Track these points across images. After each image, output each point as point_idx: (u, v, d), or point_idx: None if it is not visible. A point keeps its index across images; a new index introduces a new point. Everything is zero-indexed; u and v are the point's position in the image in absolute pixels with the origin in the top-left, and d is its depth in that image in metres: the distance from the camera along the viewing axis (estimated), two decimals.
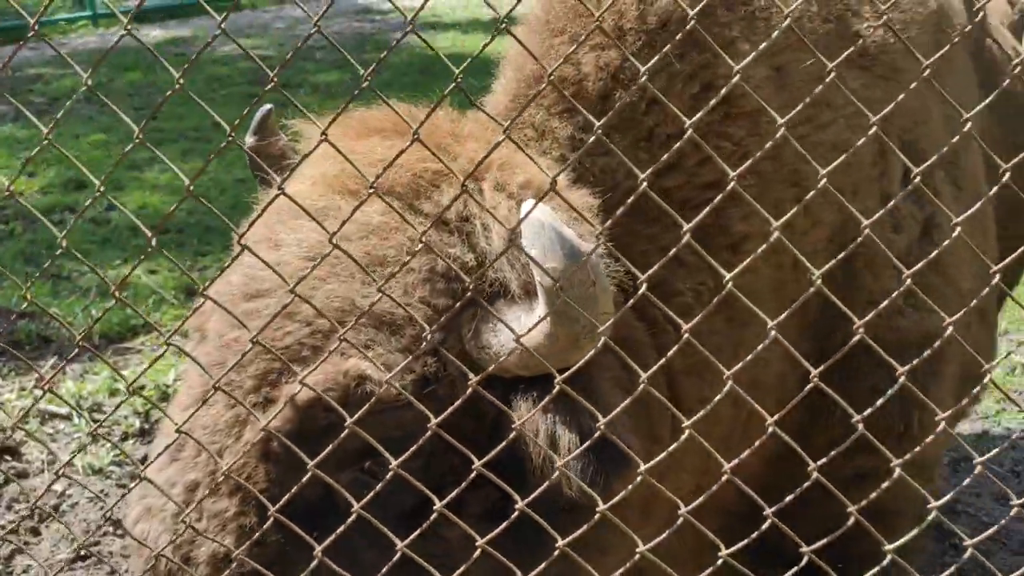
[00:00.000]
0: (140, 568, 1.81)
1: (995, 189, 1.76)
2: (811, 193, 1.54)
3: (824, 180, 1.46)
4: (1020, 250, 1.70)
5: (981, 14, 2.74)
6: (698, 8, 1.46)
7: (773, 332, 1.51)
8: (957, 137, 1.72)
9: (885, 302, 1.67)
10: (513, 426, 1.56)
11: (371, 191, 1.43)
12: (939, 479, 3.39)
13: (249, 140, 2.27)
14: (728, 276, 1.50)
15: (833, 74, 1.38)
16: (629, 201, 1.46)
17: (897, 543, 1.75)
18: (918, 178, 2.50)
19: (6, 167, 9.01)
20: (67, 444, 5.10)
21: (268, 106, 2.24)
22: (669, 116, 2.05)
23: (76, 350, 1.56)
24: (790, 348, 1.71)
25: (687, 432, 1.55)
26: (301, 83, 11.56)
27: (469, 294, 1.57)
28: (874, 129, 1.44)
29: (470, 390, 1.52)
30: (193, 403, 1.75)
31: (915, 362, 1.70)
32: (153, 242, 1.43)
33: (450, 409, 1.54)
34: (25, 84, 11.88)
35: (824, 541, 1.71)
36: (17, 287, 6.59)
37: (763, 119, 2.18)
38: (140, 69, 12.13)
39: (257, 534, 1.74)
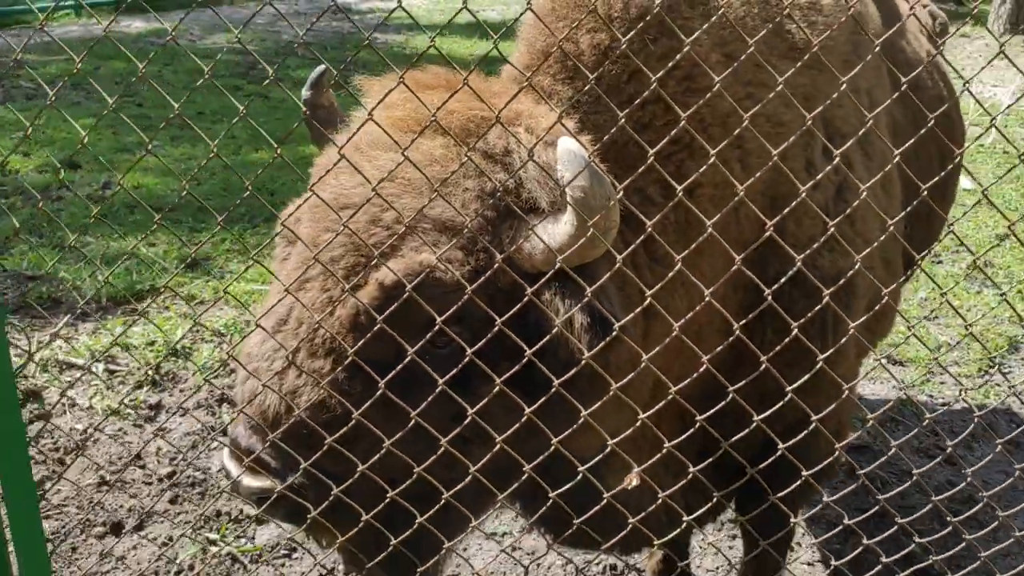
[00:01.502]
0: (250, 416, 2.26)
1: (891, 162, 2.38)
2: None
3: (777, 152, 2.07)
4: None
5: (893, 21, 3.39)
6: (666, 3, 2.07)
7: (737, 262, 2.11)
8: (870, 120, 2.29)
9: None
10: (525, 294, 2.15)
11: (432, 119, 2.02)
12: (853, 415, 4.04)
13: (305, 94, 2.79)
14: (679, 186, 2.10)
15: (752, 47, 2.00)
16: (605, 138, 2.08)
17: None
18: (837, 149, 3.13)
19: None
20: (84, 390, 5.59)
21: (324, 65, 2.76)
22: (644, 85, 2.65)
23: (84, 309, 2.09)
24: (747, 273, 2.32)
25: (647, 299, 2.14)
26: (283, 77, 12.07)
27: (500, 195, 2.16)
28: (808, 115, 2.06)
29: (496, 265, 2.12)
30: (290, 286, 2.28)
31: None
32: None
33: (483, 277, 2.13)
34: (10, 70, 12.19)
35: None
36: (26, 253, 7.05)
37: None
38: (124, 58, 12.56)
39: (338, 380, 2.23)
